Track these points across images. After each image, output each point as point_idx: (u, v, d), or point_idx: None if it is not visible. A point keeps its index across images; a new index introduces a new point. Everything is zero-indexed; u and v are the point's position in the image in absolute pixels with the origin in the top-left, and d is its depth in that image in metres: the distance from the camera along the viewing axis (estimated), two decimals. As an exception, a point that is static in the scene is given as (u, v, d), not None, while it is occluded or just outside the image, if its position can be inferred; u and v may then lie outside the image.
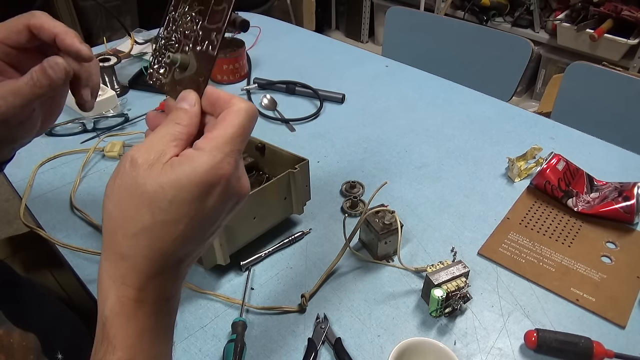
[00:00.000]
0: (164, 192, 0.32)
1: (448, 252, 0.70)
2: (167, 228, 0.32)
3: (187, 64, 0.39)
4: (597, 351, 0.56)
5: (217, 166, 0.32)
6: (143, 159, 0.32)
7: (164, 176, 0.32)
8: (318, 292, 0.65)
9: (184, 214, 0.32)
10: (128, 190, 0.32)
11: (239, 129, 0.34)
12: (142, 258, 0.33)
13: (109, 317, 0.33)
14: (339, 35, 3.28)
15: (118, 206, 0.33)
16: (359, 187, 0.82)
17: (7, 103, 0.43)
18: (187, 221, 0.33)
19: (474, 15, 2.49)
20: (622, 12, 2.03)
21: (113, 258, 0.33)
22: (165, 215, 0.32)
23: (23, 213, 0.76)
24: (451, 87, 1.16)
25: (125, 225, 0.33)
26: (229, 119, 0.34)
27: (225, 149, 0.33)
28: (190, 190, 0.32)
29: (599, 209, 0.75)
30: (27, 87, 0.42)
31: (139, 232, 0.32)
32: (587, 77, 1.19)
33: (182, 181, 0.32)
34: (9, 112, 0.43)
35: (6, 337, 0.49)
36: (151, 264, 0.33)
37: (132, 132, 0.96)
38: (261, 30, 1.41)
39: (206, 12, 0.39)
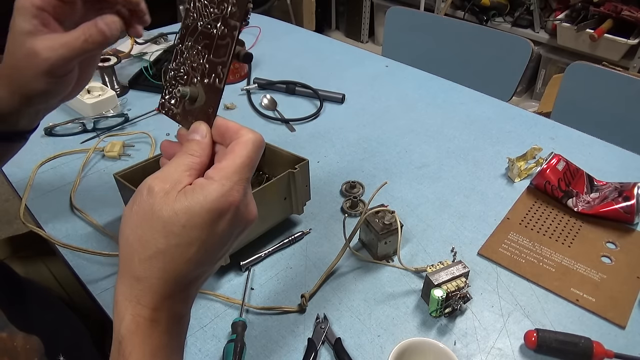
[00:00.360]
0: (177, 217, 0.34)
1: (448, 252, 0.70)
2: (180, 251, 0.34)
3: (197, 96, 0.41)
4: (597, 351, 0.56)
5: (226, 194, 0.35)
6: (159, 188, 0.35)
7: (178, 203, 0.34)
8: (318, 292, 0.65)
9: (195, 237, 0.34)
10: (145, 216, 0.34)
11: (247, 159, 0.36)
12: (156, 279, 0.35)
13: (125, 336, 0.35)
14: (339, 35, 3.28)
15: (135, 231, 0.35)
16: (359, 187, 0.82)
17: (56, 55, 0.44)
18: (199, 244, 0.35)
19: (474, 15, 2.49)
20: (622, 12, 2.03)
21: (129, 281, 0.35)
22: (179, 239, 0.34)
23: (23, 213, 0.76)
24: (451, 87, 1.16)
25: (141, 249, 0.34)
26: (237, 150, 0.36)
27: (234, 178, 0.35)
28: (201, 216, 0.34)
29: (599, 209, 0.75)
30: (78, 42, 0.44)
31: (154, 255, 0.34)
32: (587, 77, 1.19)
33: (194, 208, 0.34)
34: (57, 64, 0.44)
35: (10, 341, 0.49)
36: (165, 285, 0.35)
37: (132, 132, 0.96)
38: (261, 30, 1.41)
39: (211, 46, 0.41)
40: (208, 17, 0.41)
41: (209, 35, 0.41)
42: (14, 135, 0.53)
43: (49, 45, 0.44)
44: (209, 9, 0.41)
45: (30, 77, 0.45)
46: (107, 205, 0.78)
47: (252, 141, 0.37)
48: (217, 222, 0.35)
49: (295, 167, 0.67)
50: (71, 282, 0.72)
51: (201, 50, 0.41)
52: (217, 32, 0.40)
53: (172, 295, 0.36)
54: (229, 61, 0.40)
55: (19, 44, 0.44)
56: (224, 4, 0.40)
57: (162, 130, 0.97)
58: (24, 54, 0.44)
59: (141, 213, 0.35)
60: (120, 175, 0.69)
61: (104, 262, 0.69)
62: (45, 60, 0.44)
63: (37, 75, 0.45)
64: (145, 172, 0.72)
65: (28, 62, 0.44)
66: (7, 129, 0.51)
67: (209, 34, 0.41)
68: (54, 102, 0.52)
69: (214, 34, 0.40)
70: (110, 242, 0.72)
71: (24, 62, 0.44)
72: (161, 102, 0.45)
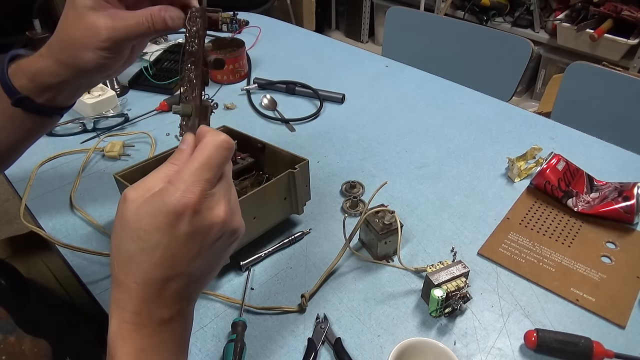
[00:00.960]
0: (140, 222, 0.35)
1: (448, 252, 0.70)
2: (147, 255, 0.35)
3: (190, 112, 0.44)
4: (597, 351, 0.56)
5: (180, 196, 0.35)
6: (132, 195, 0.36)
7: (141, 208, 0.35)
8: (318, 292, 0.65)
9: (157, 241, 0.35)
10: (118, 223, 0.37)
11: (204, 160, 0.36)
12: (132, 283, 0.36)
13: (111, 337, 0.36)
14: (339, 35, 3.28)
15: (113, 238, 0.37)
16: (359, 187, 0.82)
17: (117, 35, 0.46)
18: (162, 248, 0.35)
19: (474, 15, 2.49)
20: (622, 12, 2.03)
21: (113, 285, 0.37)
22: (143, 243, 0.35)
23: (23, 213, 0.76)
24: (451, 87, 1.16)
25: (117, 254, 0.37)
26: (197, 153, 0.37)
27: (188, 180, 0.36)
28: (160, 218, 0.35)
29: (599, 209, 0.75)
30: (141, 28, 0.46)
31: (127, 260, 0.36)
32: (587, 77, 1.19)
33: (153, 211, 0.35)
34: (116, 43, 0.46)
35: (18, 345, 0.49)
36: (140, 289, 0.36)
37: (132, 132, 0.96)
38: (261, 30, 1.41)
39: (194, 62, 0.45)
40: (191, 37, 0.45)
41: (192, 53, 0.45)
42: (51, 110, 0.53)
43: (112, 25, 0.45)
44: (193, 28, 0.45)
45: (86, 50, 0.46)
46: (107, 205, 0.78)
47: (212, 143, 0.37)
48: (176, 225, 0.35)
49: (295, 167, 0.67)
50: (72, 282, 0.72)
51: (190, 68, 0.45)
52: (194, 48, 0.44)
53: (149, 299, 0.36)
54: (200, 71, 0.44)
55: (79, 18, 0.45)
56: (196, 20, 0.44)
57: (162, 130, 0.97)
58: (85, 27, 0.45)
59: (117, 221, 0.37)
60: (120, 175, 0.69)
61: (104, 262, 0.69)
62: (107, 39, 0.45)
63: (94, 49, 0.46)
64: (146, 172, 0.71)
65: (87, 36, 0.45)
66: (46, 102, 0.52)
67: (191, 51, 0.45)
68: (99, 77, 0.54)
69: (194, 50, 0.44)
70: (110, 242, 0.72)
71: (83, 36, 0.46)
72: None
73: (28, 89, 0.50)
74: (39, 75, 0.49)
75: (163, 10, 0.46)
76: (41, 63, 0.49)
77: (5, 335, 0.48)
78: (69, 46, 0.47)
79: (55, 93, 0.51)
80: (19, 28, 1.80)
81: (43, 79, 0.49)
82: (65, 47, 0.47)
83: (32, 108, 0.52)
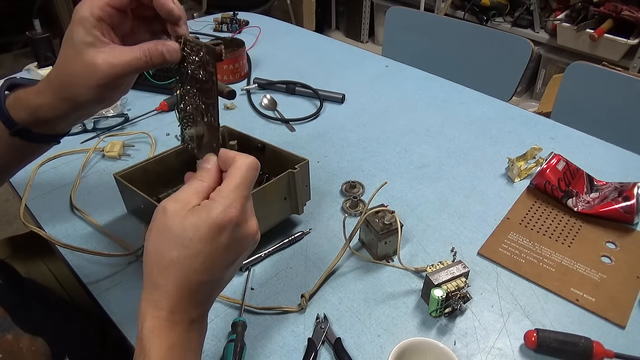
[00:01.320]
0: (186, 232, 0.39)
1: (448, 252, 0.70)
2: (189, 262, 0.40)
3: (202, 134, 0.48)
4: (597, 351, 0.56)
5: (225, 211, 0.40)
6: (172, 207, 0.40)
7: (187, 220, 0.40)
8: (318, 292, 0.65)
9: (200, 249, 0.40)
10: (160, 232, 0.40)
11: (241, 179, 0.42)
12: (171, 286, 0.40)
13: (146, 335, 0.39)
14: (339, 35, 3.28)
15: (153, 245, 0.41)
16: (359, 187, 0.82)
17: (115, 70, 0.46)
18: (204, 255, 0.40)
19: (474, 15, 2.49)
20: (622, 12, 2.03)
21: (149, 288, 0.41)
22: (187, 251, 0.39)
23: (23, 213, 0.76)
24: (451, 87, 1.16)
25: (159, 260, 0.40)
26: (233, 173, 0.42)
27: (231, 196, 0.41)
28: (205, 230, 0.39)
29: (599, 209, 0.75)
30: (139, 62, 0.47)
31: (169, 265, 0.40)
32: (587, 77, 1.19)
33: (199, 223, 0.39)
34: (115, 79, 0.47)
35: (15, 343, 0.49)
36: (178, 291, 0.40)
37: (132, 132, 0.96)
38: (261, 30, 1.41)
39: (201, 89, 0.46)
40: (193, 64, 0.46)
41: (198, 80, 0.46)
42: (50, 138, 0.54)
43: (110, 60, 0.46)
44: (192, 57, 0.46)
45: (85, 86, 0.47)
46: (107, 205, 0.78)
47: (245, 164, 0.43)
48: (219, 236, 0.40)
49: (295, 167, 0.67)
50: (72, 282, 0.72)
51: (196, 93, 0.47)
52: (202, 77, 0.45)
53: (185, 299, 0.40)
54: (216, 102, 0.45)
55: (78, 55, 0.46)
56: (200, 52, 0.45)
57: (162, 130, 0.97)
58: (83, 64, 0.46)
59: (157, 230, 0.41)
60: (120, 175, 0.69)
61: (104, 262, 0.69)
62: (105, 76, 0.46)
63: (93, 87, 0.47)
64: (146, 172, 0.72)
65: (86, 73, 0.46)
66: (44, 131, 0.52)
67: (197, 78, 0.46)
68: (98, 108, 0.54)
69: (200, 78, 0.46)
70: (110, 242, 0.72)
71: (82, 73, 0.46)
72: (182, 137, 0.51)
73: (27, 121, 0.50)
74: (38, 110, 0.49)
75: (160, 44, 0.47)
76: (41, 99, 0.49)
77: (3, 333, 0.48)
78: (68, 83, 0.48)
79: (54, 125, 0.52)
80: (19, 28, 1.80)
81: (43, 115, 0.50)
82: (64, 84, 0.48)
83: (30, 138, 0.52)
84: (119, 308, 0.62)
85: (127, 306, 0.63)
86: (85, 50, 0.46)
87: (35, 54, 1.11)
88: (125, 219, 0.76)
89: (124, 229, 0.74)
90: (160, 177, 0.74)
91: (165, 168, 0.74)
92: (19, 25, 1.86)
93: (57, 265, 0.80)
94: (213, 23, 1.46)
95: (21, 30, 1.35)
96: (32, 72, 1.11)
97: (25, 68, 1.13)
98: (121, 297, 0.64)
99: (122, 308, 0.62)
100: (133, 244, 0.71)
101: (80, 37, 0.45)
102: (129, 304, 0.63)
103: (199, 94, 0.46)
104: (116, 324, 0.61)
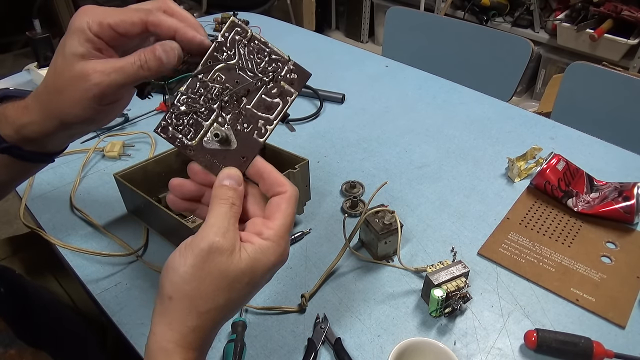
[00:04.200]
0: (243, 276, 0.38)
1: (448, 252, 0.70)
2: (237, 303, 0.39)
3: (226, 138, 0.42)
4: (597, 351, 0.56)
5: (283, 253, 0.40)
6: (225, 246, 0.37)
7: (243, 263, 0.37)
8: (318, 292, 0.65)
9: (250, 292, 0.40)
10: (211, 275, 0.37)
11: (293, 217, 0.41)
12: (210, 329, 0.39)
13: None
14: (339, 35, 3.27)
15: (198, 287, 0.37)
16: (359, 187, 0.82)
17: (108, 80, 0.41)
18: (248, 296, 0.40)
19: (474, 15, 2.49)
20: (622, 12, 2.03)
21: (183, 330, 0.37)
22: (239, 293, 0.38)
23: (23, 213, 0.76)
24: (451, 87, 1.16)
25: (202, 303, 0.37)
26: (284, 208, 0.40)
27: (286, 238, 0.40)
28: (262, 274, 0.39)
29: (599, 209, 0.75)
30: (133, 67, 0.41)
31: (213, 309, 0.38)
32: (587, 77, 1.19)
33: (257, 268, 0.38)
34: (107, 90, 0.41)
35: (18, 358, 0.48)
36: (214, 331, 0.40)
37: (132, 132, 0.96)
38: (261, 30, 1.41)
39: (253, 97, 0.41)
40: (252, 66, 0.41)
41: (251, 85, 0.41)
42: (41, 157, 0.50)
43: (101, 69, 0.40)
44: (255, 59, 0.41)
45: (74, 101, 0.42)
46: (107, 205, 0.78)
47: (294, 197, 0.41)
48: (267, 274, 0.40)
49: (295, 167, 0.67)
50: (71, 282, 0.72)
51: (239, 95, 0.41)
52: (265, 88, 0.41)
53: (213, 335, 0.40)
54: (277, 122, 0.41)
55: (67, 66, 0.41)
56: (277, 63, 0.40)
57: (162, 130, 0.97)
58: (73, 76, 0.41)
59: (207, 270, 0.37)
60: (120, 175, 0.69)
61: (104, 262, 0.69)
62: (96, 85, 0.40)
63: (83, 100, 0.41)
64: (146, 172, 0.72)
65: (75, 85, 0.41)
66: (35, 150, 0.48)
67: (254, 84, 0.41)
68: (90, 128, 0.49)
69: (259, 86, 0.40)
70: (110, 242, 0.72)
71: (71, 85, 0.41)
72: (162, 124, 0.42)
73: (14, 139, 0.46)
74: (24, 129, 0.45)
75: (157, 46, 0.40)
76: (27, 117, 0.45)
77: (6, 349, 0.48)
78: (55, 97, 0.43)
79: (44, 143, 0.48)
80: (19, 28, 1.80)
81: (28, 133, 0.45)
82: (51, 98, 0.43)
83: (20, 156, 0.48)
84: (119, 308, 0.62)
85: (127, 306, 0.63)
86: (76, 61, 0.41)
87: (35, 54, 1.11)
88: (125, 219, 0.76)
89: (124, 229, 0.74)
90: (160, 177, 0.74)
91: (165, 168, 0.74)
92: (19, 25, 1.86)
93: (58, 266, 0.80)
94: (213, 23, 1.46)
95: (21, 30, 1.35)
96: (32, 72, 1.11)
97: (25, 68, 1.13)
98: (121, 297, 0.64)
99: (122, 308, 0.62)
100: (133, 244, 0.71)
101: (73, 47, 0.40)
102: (129, 304, 0.63)
103: (245, 99, 0.41)
104: (116, 324, 0.61)
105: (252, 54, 0.41)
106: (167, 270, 0.38)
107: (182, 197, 0.44)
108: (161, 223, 0.69)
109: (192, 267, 0.37)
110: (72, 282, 0.77)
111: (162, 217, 0.65)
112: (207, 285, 0.37)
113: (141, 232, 0.73)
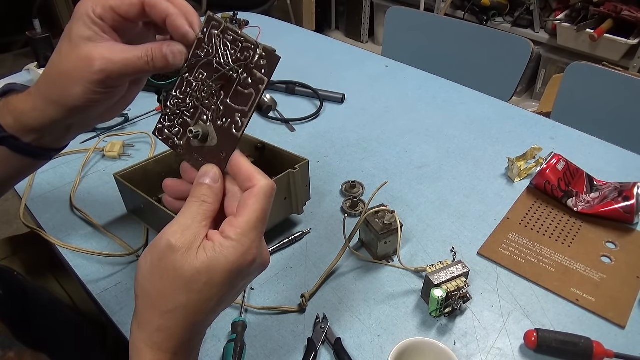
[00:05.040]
0: (200, 276, 0.35)
1: (448, 252, 0.70)
2: (201, 305, 0.36)
3: (207, 135, 0.41)
4: (597, 351, 0.56)
5: (246, 253, 0.36)
6: (180, 243, 0.36)
7: (199, 262, 0.35)
8: (318, 292, 0.65)
9: (215, 293, 0.36)
10: (166, 272, 0.36)
11: (261, 213, 0.37)
12: (177, 328, 0.37)
13: None
14: (339, 35, 3.27)
15: (155, 285, 0.36)
16: (359, 187, 0.82)
17: (113, 68, 0.41)
18: (218, 298, 0.37)
19: (474, 15, 2.49)
20: (622, 12, 2.03)
21: (149, 329, 0.37)
22: (200, 295, 0.36)
23: (23, 213, 0.76)
24: (451, 87, 1.16)
25: (162, 302, 0.36)
26: (251, 204, 0.37)
27: (251, 236, 0.37)
28: (222, 275, 0.36)
29: (599, 209, 0.75)
30: (139, 62, 0.41)
31: (175, 309, 0.36)
32: (587, 77, 1.19)
33: (215, 268, 0.36)
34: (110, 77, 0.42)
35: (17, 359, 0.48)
36: (185, 333, 0.37)
37: (132, 132, 0.96)
38: (261, 30, 1.41)
39: (229, 90, 0.40)
40: (227, 58, 0.40)
41: (227, 78, 0.40)
42: (39, 151, 0.50)
43: (108, 56, 0.41)
44: (230, 50, 0.40)
45: (77, 84, 0.42)
46: (107, 205, 0.78)
47: (264, 192, 0.38)
48: (237, 279, 0.37)
49: (295, 167, 0.67)
50: (71, 282, 0.72)
51: (216, 90, 0.40)
52: (239, 79, 0.39)
53: (191, 339, 0.38)
54: (251, 112, 0.39)
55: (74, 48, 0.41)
56: (249, 52, 0.39)
57: (162, 130, 0.97)
58: (79, 58, 0.41)
59: (162, 268, 0.36)
60: (120, 175, 0.69)
61: (103, 262, 0.69)
62: (99, 71, 0.41)
63: (86, 83, 0.42)
64: (146, 172, 0.72)
65: (81, 68, 0.41)
66: (33, 143, 0.48)
67: (228, 76, 0.40)
68: (90, 119, 0.50)
69: (234, 78, 0.39)
70: (110, 242, 0.72)
71: (74, 68, 0.42)
72: (159, 127, 0.43)
73: (13, 128, 0.46)
74: (24, 115, 0.45)
75: (165, 45, 0.41)
76: (28, 102, 0.45)
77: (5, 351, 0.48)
78: (58, 80, 0.43)
79: (42, 134, 0.48)
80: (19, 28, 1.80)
81: (27, 120, 0.45)
82: (53, 82, 0.43)
83: (17, 148, 0.48)
84: (119, 308, 0.62)
85: (127, 306, 0.63)
86: (83, 43, 0.41)
87: (35, 54, 1.11)
88: (125, 219, 0.76)
89: (124, 229, 0.74)
90: (160, 177, 0.73)
91: (165, 168, 0.74)
92: (19, 25, 1.86)
93: (58, 266, 0.80)
94: (213, 23, 1.46)
95: (21, 30, 1.35)
96: (32, 72, 1.11)
97: (25, 68, 1.13)
98: (121, 297, 0.64)
99: (122, 308, 0.62)
100: (133, 244, 0.71)
101: (80, 31, 0.41)
102: (129, 304, 0.63)
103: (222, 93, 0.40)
104: (116, 324, 0.61)
105: (226, 46, 0.40)
106: (136, 269, 0.38)
107: (176, 197, 0.44)
108: (161, 223, 0.69)
109: (150, 265, 0.37)
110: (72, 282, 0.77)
111: (162, 217, 0.65)
112: (164, 284, 0.36)
113: (141, 232, 0.73)
